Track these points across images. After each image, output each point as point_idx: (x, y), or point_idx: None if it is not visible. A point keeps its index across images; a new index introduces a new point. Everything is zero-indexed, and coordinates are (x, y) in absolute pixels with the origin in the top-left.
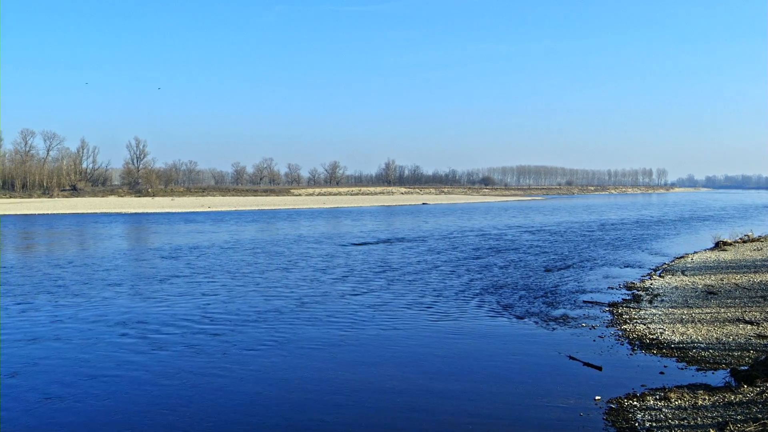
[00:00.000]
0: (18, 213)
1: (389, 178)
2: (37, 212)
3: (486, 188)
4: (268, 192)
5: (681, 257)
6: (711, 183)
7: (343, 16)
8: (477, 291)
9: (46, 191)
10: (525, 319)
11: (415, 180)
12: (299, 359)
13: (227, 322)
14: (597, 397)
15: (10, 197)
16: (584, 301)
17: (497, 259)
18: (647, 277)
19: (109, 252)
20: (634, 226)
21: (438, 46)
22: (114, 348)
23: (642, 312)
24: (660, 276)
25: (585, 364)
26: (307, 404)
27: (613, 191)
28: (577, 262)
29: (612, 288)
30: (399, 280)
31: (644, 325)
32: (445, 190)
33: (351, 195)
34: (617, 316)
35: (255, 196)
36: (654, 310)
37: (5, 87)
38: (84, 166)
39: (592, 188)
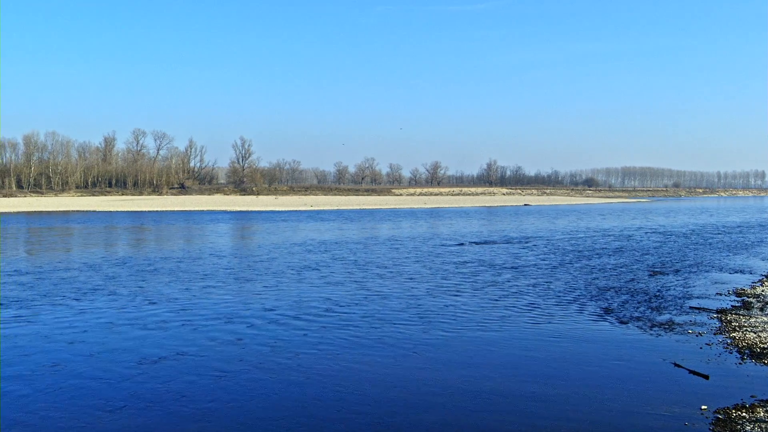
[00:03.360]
0: (130, 210)
1: (490, 178)
2: (148, 209)
3: (589, 189)
4: (369, 191)
5: None
6: None
7: (445, 16)
8: (581, 293)
9: (156, 189)
10: (628, 324)
11: (517, 181)
12: (404, 358)
13: (384, 310)
14: (703, 407)
15: (122, 194)
16: (691, 307)
17: (608, 260)
18: (758, 284)
19: (257, 245)
20: (756, 229)
21: (541, 46)
22: (296, 330)
23: (752, 320)
24: None
25: (691, 371)
26: (404, 403)
27: (722, 194)
28: (687, 265)
29: (720, 294)
30: (508, 280)
31: (755, 333)
32: (547, 191)
33: (452, 195)
34: (726, 323)
35: (357, 195)
36: (766, 318)
37: (121, 89)
38: (192, 165)
39: (701, 190)
